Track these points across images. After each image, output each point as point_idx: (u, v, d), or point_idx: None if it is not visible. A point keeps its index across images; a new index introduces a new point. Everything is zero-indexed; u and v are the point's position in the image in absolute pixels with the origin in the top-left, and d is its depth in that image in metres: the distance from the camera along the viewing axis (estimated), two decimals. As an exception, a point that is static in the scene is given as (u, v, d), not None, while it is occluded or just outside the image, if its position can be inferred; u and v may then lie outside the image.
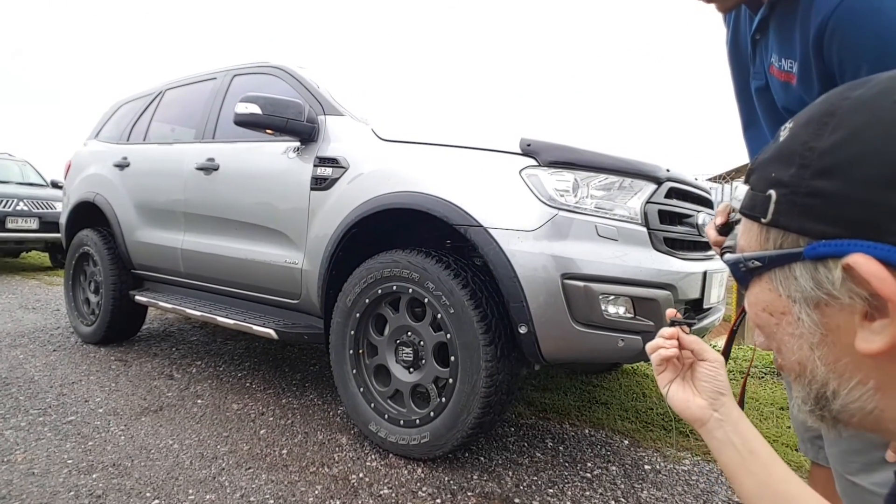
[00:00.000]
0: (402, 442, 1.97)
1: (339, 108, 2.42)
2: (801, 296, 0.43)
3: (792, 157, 0.42)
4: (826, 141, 0.40)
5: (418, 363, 2.00)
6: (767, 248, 0.45)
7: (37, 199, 7.10)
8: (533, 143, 1.85)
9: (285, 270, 2.41)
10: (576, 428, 2.41)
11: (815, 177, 0.40)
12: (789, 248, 0.43)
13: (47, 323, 4.18)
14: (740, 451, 0.66)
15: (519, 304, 1.74)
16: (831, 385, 0.44)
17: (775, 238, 0.44)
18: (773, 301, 0.46)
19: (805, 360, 0.45)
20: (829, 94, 0.43)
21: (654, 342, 0.76)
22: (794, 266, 0.42)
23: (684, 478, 1.97)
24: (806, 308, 0.43)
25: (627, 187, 1.86)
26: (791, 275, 0.43)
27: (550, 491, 1.84)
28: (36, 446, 2.04)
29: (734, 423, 0.68)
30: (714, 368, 0.72)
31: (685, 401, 0.72)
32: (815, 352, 0.44)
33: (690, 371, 0.74)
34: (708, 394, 0.71)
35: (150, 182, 3.23)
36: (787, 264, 0.43)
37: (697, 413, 0.70)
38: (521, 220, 1.77)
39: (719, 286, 2.16)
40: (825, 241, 0.39)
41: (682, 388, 0.74)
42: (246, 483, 1.81)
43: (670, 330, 0.75)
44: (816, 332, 0.43)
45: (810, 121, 0.43)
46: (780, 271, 0.44)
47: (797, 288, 0.43)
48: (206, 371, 3.03)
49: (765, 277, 0.46)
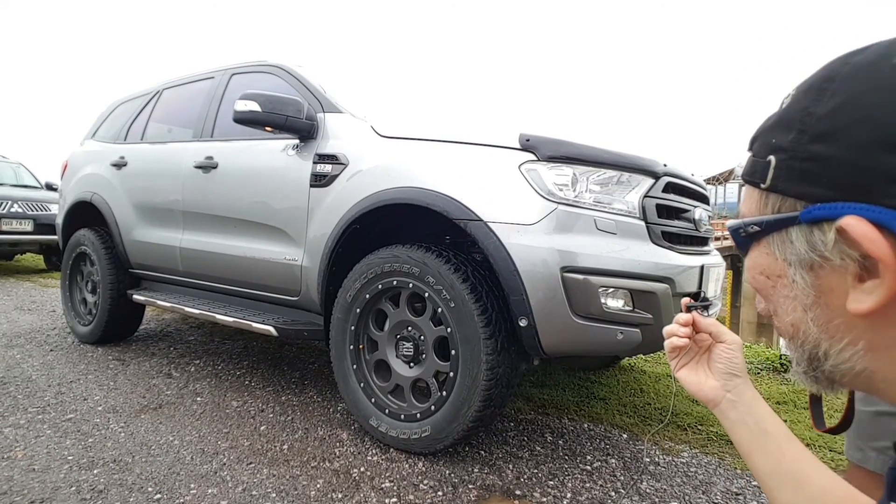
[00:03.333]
0: (402, 436, 1.98)
1: (338, 105, 2.44)
2: (796, 258, 0.44)
3: (791, 123, 0.43)
4: (824, 106, 0.41)
5: (419, 358, 2.01)
6: (766, 213, 0.46)
7: (31, 202, 7.07)
8: (532, 139, 1.86)
9: (285, 267, 2.41)
10: (575, 423, 2.42)
11: (813, 141, 0.41)
12: (787, 212, 0.44)
13: (43, 324, 4.16)
14: (753, 431, 0.67)
15: (519, 298, 1.75)
16: (823, 346, 0.45)
17: (773, 203, 0.45)
18: (770, 264, 0.48)
19: (798, 322, 0.46)
20: (831, 61, 0.44)
21: (669, 327, 0.77)
22: (791, 230, 0.44)
23: (683, 469, 1.99)
24: (801, 270, 0.44)
25: (625, 182, 1.88)
26: (787, 238, 0.44)
27: (551, 483, 1.85)
28: (36, 443, 2.04)
29: (748, 403, 0.69)
30: (730, 350, 0.73)
31: (697, 382, 0.74)
32: (808, 313, 0.45)
33: (707, 353, 0.75)
34: (722, 375, 0.72)
35: (147, 181, 3.23)
36: (783, 228, 0.44)
37: (710, 394, 0.72)
38: (521, 214, 1.79)
39: (716, 281, 2.18)
40: (820, 205, 0.40)
41: (695, 371, 0.75)
42: (247, 477, 1.81)
43: (686, 316, 0.75)
44: (810, 293, 0.44)
45: (811, 87, 0.44)
46: (778, 235, 0.45)
47: (793, 251, 0.44)
48: (205, 369, 3.03)
49: (763, 242, 0.48)
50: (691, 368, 0.75)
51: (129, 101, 3.84)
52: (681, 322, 0.75)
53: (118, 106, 3.93)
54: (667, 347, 0.77)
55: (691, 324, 0.75)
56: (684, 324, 0.75)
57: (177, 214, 3.00)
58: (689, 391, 0.74)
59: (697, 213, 2.11)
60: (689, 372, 0.75)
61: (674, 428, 2.37)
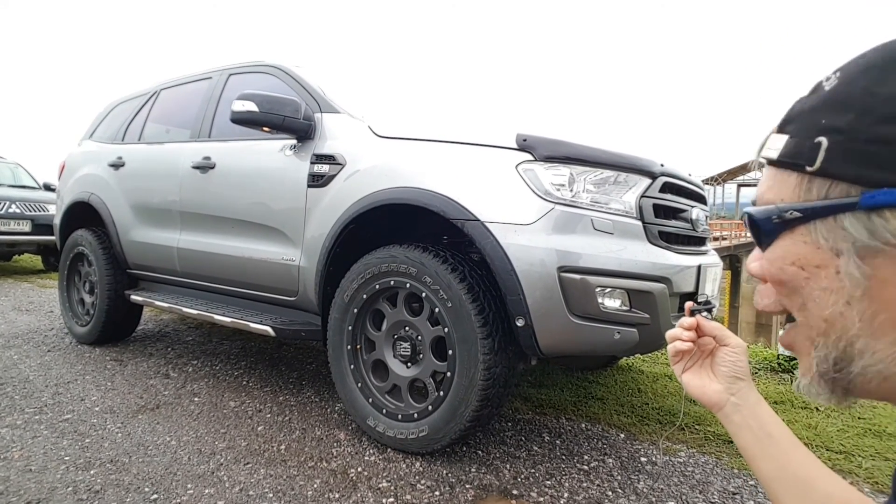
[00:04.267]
0: (400, 436, 1.98)
1: (335, 105, 2.44)
2: (849, 246, 0.41)
3: (848, 104, 0.41)
4: (891, 87, 0.39)
5: (416, 358, 2.01)
6: (810, 199, 0.43)
7: (29, 202, 7.05)
8: (529, 139, 1.87)
9: (282, 268, 2.41)
10: (572, 422, 2.42)
11: (879, 122, 0.39)
12: (838, 197, 0.41)
13: (41, 324, 4.16)
14: (757, 434, 0.66)
15: (516, 298, 1.75)
16: (859, 343, 0.42)
17: (819, 188, 0.42)
18: (808, 254, 0.44)
19: (835, 317, 0.43)
20: (889, 42, 0.42)
21: (672, 332, 0.76)
22: (844, 216, 0.41)
23: (680, 469, 1.99)
24: (855, 259, 0.41)
25: (622, 182, 1.88)
26: (837, 225, 0.41)
27: (548, 483, 1.85)
28: (33, 444, 2.03)
29: (751, 407, 0.68)
30: (735, 354, 0.72)
31: (700, 386, 0.73)
32: (852, 306, 0.42)
33: (711, 357, 0.74)
34: (726, 378, 0.71)
35: (145, 181, 3.23)
36: (833, 214, 0.41)
37: (714, 398, 0.71)
38: (518, 214, 1.79)
39: (713, 281, 2.18)
40: (887, 189, 0.38)
41: (699, 375, 0.74)
42: (245, 477, 1.81)
43: (690, 320, 0.74)
44: (860, 284, 0.41)
45: (870, 67, 0.41)
46: (823, 222, 0.42)
47: (846, 238, 0.41)
48: (203, 370, 3.02)
49: (799, 230, 0.44)
50: (695, 372, 0.74)
51: (126, 102, 3.84)
52: (685, 326, 0.74)
53: (116, 106, 3.92)
54: (670, 351, 0.76)
55: (695, 327, 0.74)
56: (688, 328, 0.74)
57: (174, 215, 3.00)
58: (693, 395, 0.74)
59: (695, 213, 2.11)
60: (693, 376, 0.74)
61: (670, 427, 2.38)
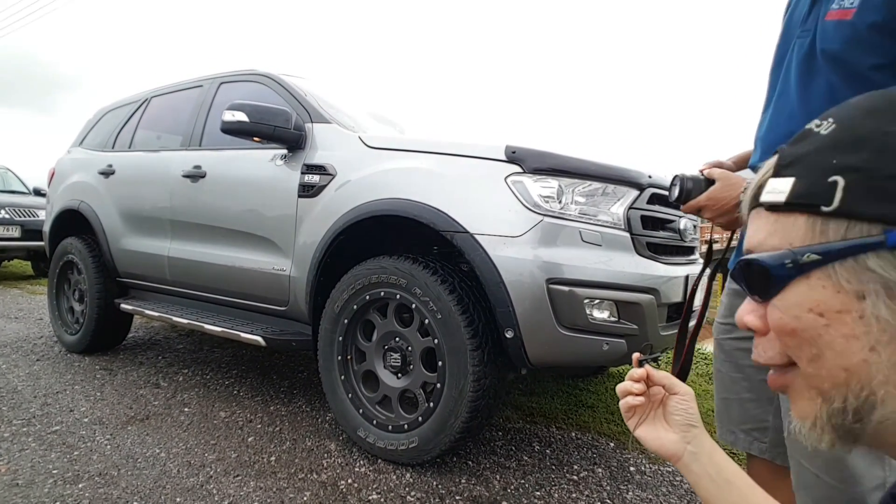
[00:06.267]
0: (390, 447, 1.98)
1: (326, 115, 2.44)
2: (877, 287, 0.39)
3: (860, 143, 0.41)
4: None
5: (406, 368, 2.01)
6: (824, 241, 0.41)
7: (19, 207, 7.00)
8: (518, 150, 1.88)
9: (273, 277, 2.41)
10: (562, 431, 2.43)
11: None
12: (859, 237, 0.40)
13: (30, 332, 4.12)
14: (717, 481, 0.67)
15: (505, 309, 1.76)
16: (882, 391, 0.40)
17: (836, 229, 0.41)
18: (827, 299, 0.42)
19: (857, 366, 0.41)
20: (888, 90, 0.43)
21: (623, 386, 0.75)
22: (867, 256, 0.39)
23: (668, 478, 2.01)
24: (885, 300, 0.39)
25: (611, 193, 1.90)
26: (860, 266, 0.40)
27: (538, 493, 1.86)
28: (20, 457, 2.02)
29: (708, 454, 0.69)
30: (685, 401, 0.73)
31: (657, 438, 0.73)
32: (880, 353, 0.39)
33: (662, 406, 0.75)
34: (679, 427, 0.71)
35: (135, 189, 3.22)
36: (854, 255, 0.40)
37: (672, 448, 0.71)
38: (507, 226, 1.80)
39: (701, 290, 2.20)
40: None
41: (653, 427, 0.74)
42: (234, 490, 1.80)
43: (639, 371, 0.74)
44: (889, 327, 0.39)
45: (875, 108, 0.42)
46: (843, 265, 0.40)
47: (872, 279, 0.39)
48: (194, 379, 3.01)
49: (816, 274, 0.42)
50: (649, 424, 0.74)
51: (116, 109, 3.82)
52: (634, 377, 0.74)
53: (106, 114, 3.91)
54: (623, 408, 0.75)
55: (645, 378, 0.74)
56: (638, 379, 0.74)
57: (165, 223, 2.99)
58: (651, 448, 0.73)
59: (682, 224, 2.13)
60: (648, 428, 0.74)
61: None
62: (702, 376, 3.31)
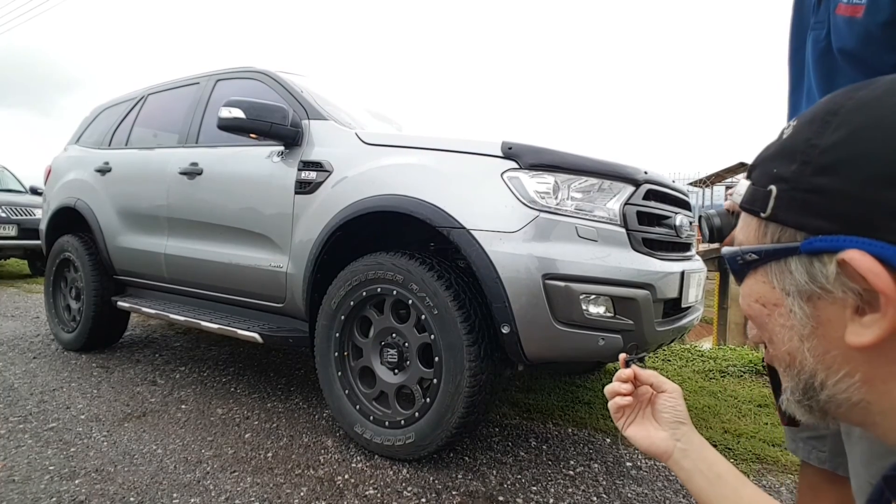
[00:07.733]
0: (387, 443, 1.99)
1: (322, 112, 2.44)
2: (794, 289, 0.44)
3: (794, 154, 0.43)
4: (828, 139, 0.41)
5: (403, 364, 2.02)
6: (765, 242, 0.46)
7: (15, 206, 6.98)
8: (514, 146, 1.88)
9: (270, 274, 2.41)
10: (559, 427, 2.44)
11: (816, 173, 0.41)
12: (786, 242, 0.44)
13: (27, 330, 4.12)
14: (708, 476, 0.68)
15: (501, 305, 1.77)
16: (819, 376, 0.45)
17: (773, 232, 0.45)
18: (766, 293, 0.47)
19: (794, 351, 0.46)
20: (834, 94, 0.44)
21: (611, 387, 0.76)
22: (791, 260, 0.43)
23: (664, 473, 2.01)
24: (799, 300, 0.44)
25: (607, 189, 1.90)
26: (786, 268, 0.44)
27: (534, 489, 1.86)
28: (16, 453, 2.02)
29: (697, 449, 0.70)
30: (673, 399, 0.73)
31: (647, 437, 0.73)
32: (804, 343, 0.44)
33: (651, 405, 0.75)
34: (669, 424, 0.72)
35: (132, 187, 3.21)
36: (783, 258, 0.44)
37: (662, 446, 0.72)
38: (503, 222, 1.80)
39: (697, 286, 2.21)
40: (822, 237, 0.40)
41: (643, 426, 0.75)
42: (231, 486, 1.81)
43: (627, 372, 0.75)
44: (807, 324, 0.44)
45: (814, 119, 0.44)
46: (776, 265, 0.45)
47: (791, 281, 0.44)
48: (190, 376, 3.01)
49: (760, 270, 0.47)
50: (638, 424, 0.75)
51: (113, 107, 3.82)
52: (622, 378, 0.75)
53: (103, 111, 3.90)
54: (612, 409, 0.76)
55: (632, 378, 0.75)
56: (625, 379, 0.75)
57: (161, 221, 2.98)
58: (641, 447, 0.74)
59: (678, 220, 2.13)
60: (638, 428, 0.75)
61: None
62: (698, 373, 3.32)
